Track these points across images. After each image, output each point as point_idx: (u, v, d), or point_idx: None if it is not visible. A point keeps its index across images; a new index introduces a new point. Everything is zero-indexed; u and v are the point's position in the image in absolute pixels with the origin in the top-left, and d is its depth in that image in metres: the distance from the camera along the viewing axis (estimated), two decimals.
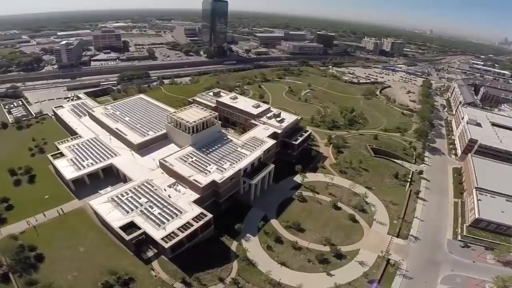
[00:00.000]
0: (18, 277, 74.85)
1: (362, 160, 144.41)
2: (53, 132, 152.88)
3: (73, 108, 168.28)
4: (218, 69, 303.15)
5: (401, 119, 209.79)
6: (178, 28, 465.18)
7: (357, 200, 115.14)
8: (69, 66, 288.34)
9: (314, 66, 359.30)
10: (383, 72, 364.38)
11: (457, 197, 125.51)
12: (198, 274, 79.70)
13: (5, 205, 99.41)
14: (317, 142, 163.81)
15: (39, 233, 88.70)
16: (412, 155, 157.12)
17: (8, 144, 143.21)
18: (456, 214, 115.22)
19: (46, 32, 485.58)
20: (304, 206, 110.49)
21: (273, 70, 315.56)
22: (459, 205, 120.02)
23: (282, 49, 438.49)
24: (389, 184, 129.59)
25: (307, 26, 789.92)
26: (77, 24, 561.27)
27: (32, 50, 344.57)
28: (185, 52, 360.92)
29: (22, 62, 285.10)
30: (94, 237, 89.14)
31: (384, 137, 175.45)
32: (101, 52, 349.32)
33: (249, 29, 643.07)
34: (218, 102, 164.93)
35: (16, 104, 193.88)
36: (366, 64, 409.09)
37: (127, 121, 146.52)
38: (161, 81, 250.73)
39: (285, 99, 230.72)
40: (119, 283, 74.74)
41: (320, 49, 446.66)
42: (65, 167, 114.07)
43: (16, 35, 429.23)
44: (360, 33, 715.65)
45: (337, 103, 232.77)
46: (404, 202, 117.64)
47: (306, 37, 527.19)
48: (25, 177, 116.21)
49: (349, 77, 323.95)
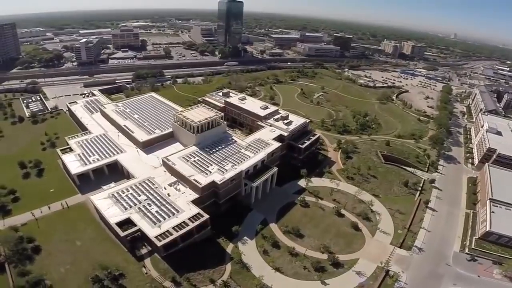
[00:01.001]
0: (13, 267, 76.60)
1: (371, 166, 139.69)
2: (66, 127, 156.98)
3: (86, 104, 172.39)
4: (231, 69, 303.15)
5: (417, 125, 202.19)
6: (195, 28, 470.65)
7: (362, 208, 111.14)
8: (87, 64, 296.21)
9: (329, 69, 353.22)
10: (401, 76, 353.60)
11: (469, 208, 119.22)
12: (189, 274, 78.85)
13: (11, 197, 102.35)
14: (326, 146, 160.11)
15: (40, 225, 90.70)
16: (425, 163, 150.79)
17: (22, 137, 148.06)
18: (466, 226, 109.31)
19: (69, 30, 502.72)
20: (305, 212, 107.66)
21: (286, 72, 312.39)
22: (471, 216, 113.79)
23: (297, 50, 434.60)
24: (397, 192, 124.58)
25: (325, 28, 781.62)
26: (99, 23, 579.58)
27: (54, 47, 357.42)
28: (200, 52, 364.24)
29: (43, 59, 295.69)
30: (92, 232, 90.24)
31: (397, 143, 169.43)
32: (119, 50, 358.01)
33: (265, 30, 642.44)
34: (226, 102, 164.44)
35: (34, 99, 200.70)
36: (383, 67, 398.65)
37: (135, 118, 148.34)
38: (174, 80, 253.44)
39: (296, 102, 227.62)
40: (109, 278, 75.25)
41: (337, 51, 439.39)
42: (71, 161, 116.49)
43: (41, 32, 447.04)
44: (380, 36, 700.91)
45: (350, 107, 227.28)
46: (412, 212, 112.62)
47: (323, 39, 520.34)
48: (34, 170, 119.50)
49: (365, 81, 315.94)
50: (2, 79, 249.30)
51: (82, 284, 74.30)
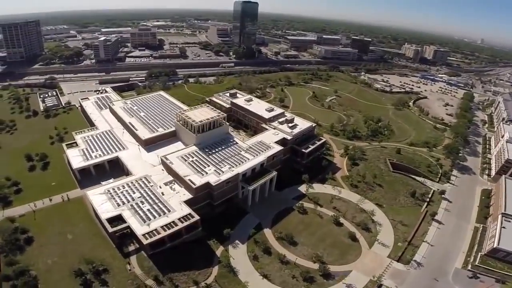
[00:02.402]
0: (4, 257, 78.36)
1: (378, 174, 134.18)
2: (76, 123, 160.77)
3: (97, 101, 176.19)
4: (243, 70, 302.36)
5: (432, 133, 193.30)
6: (212, 29, 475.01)
7: (362, 217, 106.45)
8: (105, 61, 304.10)
9: (345, 72, 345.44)
10: (421, 82, 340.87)
11: (479, 222, 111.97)
12: (173, 274, 77.92)
13: (14, 189, 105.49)
14: (332, 152, 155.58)
15: (36, 217, 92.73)
16: (437, 172, 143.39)
17: (33, 131, 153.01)
18: (473, 241, 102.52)
19: (92, 28, 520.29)
20: (303, 218, 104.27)
21: (299, 74, 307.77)
22: (479, 231, 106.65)
23: (313, 53, 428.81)
24: (403, 202, 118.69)
25: (344, 31, 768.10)
26: (120, 22, 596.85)
27: (76, 44, 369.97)
28: (215, 52, 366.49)
29: (64, 56, 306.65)
30: (84, 226, 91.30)
31: (408, 151, 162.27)
32: (136, 49, 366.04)
33: (282, 31, 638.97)
34: (233, 103, 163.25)
35: (50, 94, 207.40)
36: (402, 72, 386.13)
37: (141, 116, 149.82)
38: (186, 80, 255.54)
39: (307, 105, 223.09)
40: (92, 272, 75.81)
41: (354, 54, 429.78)
42: (74, 156, 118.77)
43: (65, 30, 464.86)
44: (401, 39, 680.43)
45: (363, 112, 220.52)
46: (416, 224, 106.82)
47: (340, 42, 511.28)
48: (40, 163, 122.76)
49: (382, 85, 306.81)
50: (24, 74, 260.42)
51: (66, 277, 75.10)
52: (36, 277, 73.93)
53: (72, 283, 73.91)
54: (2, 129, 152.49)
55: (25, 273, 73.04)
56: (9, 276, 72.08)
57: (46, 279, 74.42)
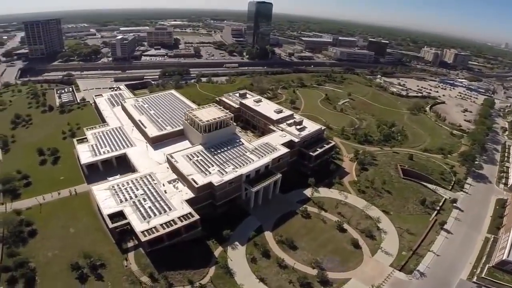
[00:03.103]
0: (6, 248, 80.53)
1: (387, 180, 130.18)
2: (89, 119, 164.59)
3: (110, 98, 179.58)
4: (255, 70, 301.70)
5: (448, 140, 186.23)
6: (226, 29, 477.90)
7: (367, 224, 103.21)
8: (121, 59, 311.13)
9: (360, 74, 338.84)
10: (439, 86, 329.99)
11: (491, 233, 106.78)
12: (169, 272, 77.84)
13: (24, 182, 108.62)
14: (342, 156, 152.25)
15: (42, 210, 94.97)
16: (450, 180, 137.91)
17: (47, 126, 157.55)
18: (482, 252, 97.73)
19: (111, 27, 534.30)
20: (305, 223, 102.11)
21: (313, 76, 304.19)
22: (490, 242, 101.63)
23: (328, 54, 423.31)
24: (411, 210, 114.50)
25: (362, 33, 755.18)
26: (139, 21, 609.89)
27: (94, 42, 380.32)
28: (229, 52, 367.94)
29: (82, 53, 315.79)
30: (87, 221, 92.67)
31: (421, 157, 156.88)
32: (152, 48, 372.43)
33: (297, 33, 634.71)
34: (241, 103, 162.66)
35: (66, 90, 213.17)
36: (420, 75, 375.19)
37: (151, 114, 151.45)
38: (198, 79, 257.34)
39: (318, 107, 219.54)
40: (89, 266, 76.90)
41: (371, 56, 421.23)
42: (83, 152, 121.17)
43: (85, 28, 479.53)
44: (421, 42, 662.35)
45: (377, 116, 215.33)
46: (423, 233, 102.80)
47: (357, 44, 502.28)
48: (51, 158, 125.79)
49: (398, 89, 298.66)
50: (44, 70, 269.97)
51: (64, 270, 76.30)
52: (35, 269, 75.50)
53: (69, 276, 75.03)
54: (19, 123, 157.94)
55: (24, 265, 74.70)
56: (8, 267, 73.94)
57: (44, 272, 75.89)
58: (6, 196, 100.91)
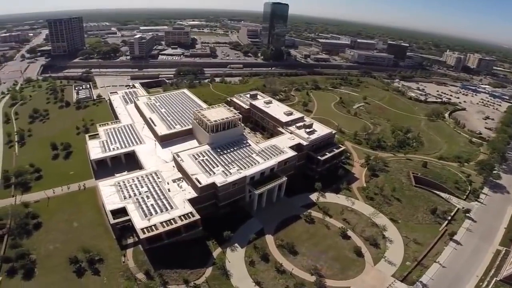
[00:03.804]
0: (11, 239, 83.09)
1: (397, 188, 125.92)
2: (103, 115, 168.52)
3: (124, 95, 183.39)
4: (268, 71, 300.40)
5: (466, 148, 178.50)
6: (243, 29, 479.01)
7: (372, 232, 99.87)
8: (139, 58, 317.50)
9: (378, 78, 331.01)
10: (461, 92, 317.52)
11: (503, 245, 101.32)
12: (165, 270, 78.01)
13: (36, 175, 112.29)
14: (352, 161, 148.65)
15: (49, 204, 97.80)
16: (464, 189, 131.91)
17: (63, 121, 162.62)
18: (491, 265, 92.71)
19: (132, 26, 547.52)
20: (308, 228, 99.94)
21: (328, 78, 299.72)
22: (501, 254, 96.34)
23: (345, 57, 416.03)
24: (421, 219, 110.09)
25: (382, 35, 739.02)
26: (158, 20, 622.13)
27: (114, 41, 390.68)
28: (244, 52, 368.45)
29: (102, 51, 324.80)
30: (91, 216, 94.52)
31: (436, 165, 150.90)
32: (169, 47, 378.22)
33: (315, 34, 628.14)
34: (251, 104, 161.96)
35: (84, 87, 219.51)
36: (441, 80, 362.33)
37: (162, 112, 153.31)
38: (212, 79, 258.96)
39: (331, 110, 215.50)
40: (87, 260, 78.28)
41: (390, 60, 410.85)
42: (94, 147, 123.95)
43: (107, 27, 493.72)
44: (443, 46, 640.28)
45: (392, 121, 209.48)
46: (431, 243, 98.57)
47: (375, 46, 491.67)
48: (63, 152, 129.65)
49: (416, 94, 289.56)
50: (64, 67, 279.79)
51: (63, 263, 77.99)
52: (35, 261, 77.62)
53: (67, 269, 76.64)
54: (36, 117, 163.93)
55: (25, 257, 76.77)
56: (10, 258, 76.28)
57: (44, 264, 77.91)
58: (17, 188, 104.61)
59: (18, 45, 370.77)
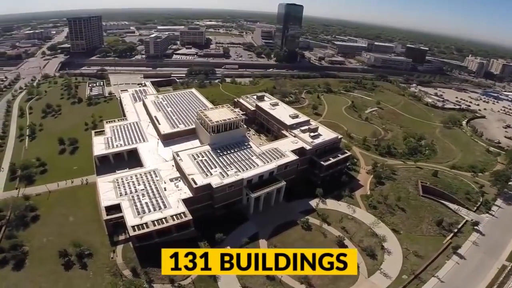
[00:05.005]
0: (8, 231, 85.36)
1: (403, 197, 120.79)
2: (112, 112, 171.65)
3: (133, 93, 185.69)
4: (280, 73, 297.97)
5: (482, 157, 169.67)
6: (257, 30, 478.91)
7: (371, 242, 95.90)
8: (154, 57, 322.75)
9: (393, 82, 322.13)
10: (481, 99, 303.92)
11: (510, 260, 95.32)
12: (152, 268, 77.77)
13: (41, 169, 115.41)
14: (358, 167, 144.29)
15: (49, 198, 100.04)
16: (475, 201, 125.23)
17: (74, 117, 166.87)
18: (494, 281, 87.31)
19: (150, 25, 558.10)
20: (304, 235, 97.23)
21: (341, 82, 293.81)
22: (507, 270, 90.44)
23: (361, 60, 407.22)
24: (424, 231, 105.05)
25: (402, 39, 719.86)
26: (176, 20, 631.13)
27: (131, 40, 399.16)
28: (257, 53, 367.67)
29: (118, 50, 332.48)
30: (87, 211, 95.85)
31: (447, 174, 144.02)
32: (184, 46, 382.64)
33: (332, 36, 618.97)
34: (257, 106, 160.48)
35: (97, 84, 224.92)
36: (461, 86, 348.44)
37: (168, 111, 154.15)
38: (222, 79, 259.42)
39: (342, 114, 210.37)
40: (76, 254, 79.38)
41: (408, 64, 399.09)
42: (98, 144, 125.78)
43: (126, 26, 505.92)
44: (466, 51, 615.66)
45: (406, 127, 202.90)
46: (432, 256, 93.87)
47: (394, 50, 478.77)
48: (70, 148, 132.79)
49: (433, 100, 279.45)
50: (82, 64, 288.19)
51: (53, 256, 79.31)
52: (27, 253, 79.41)
53: (56, 262, 77.92)
54: (49, 112, 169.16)
55: (17, 248, 78.57)
56: (3, 248, 78.23)
57: (35, 256, 79.58)
58: (22, 181, 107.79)
59: (41, 42, 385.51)
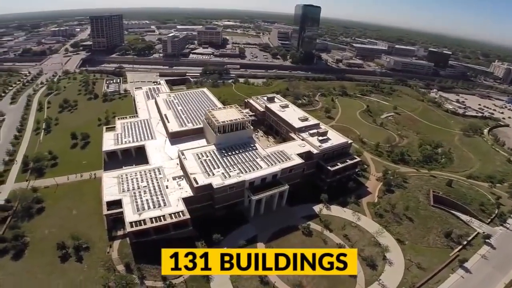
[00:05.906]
0: (13, 221, 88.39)
1: (412, 206, 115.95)
2: (125, 109, 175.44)
3: (147, 91, 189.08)
4: (295, 74, 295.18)
5: (502, 167, 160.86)
6: (274, 31, 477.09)
7: (373, 252, 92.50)
8: (171, 56, 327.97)
9: (413, 87, 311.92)
10: (506, 107, 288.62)
11: None
12: (145, 265, 78.24)
13: (52, 162, 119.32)
14: (368, 174, 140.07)
15: (57, 191, 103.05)
16: (490, 213, 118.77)
17: (89, 112, 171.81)
18: None
19: (170, 24, 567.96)
20: (304, 240, 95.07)
21: (358, 85, 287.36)
22: None
23: (380, 63, 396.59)
24: (431, 242, 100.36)
25: (425, 42, 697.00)
26: (195, 20, 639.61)
27: (151, 39, 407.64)
28: (272, 54, 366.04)
29: (137, 48, 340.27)
30: (90, 205, 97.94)
31: (462, 184, 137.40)
32: (201, 46, 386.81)
33: (351, 39, 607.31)
34: (267, 107, 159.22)
35: (114, 81, 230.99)
36: (485, 93, 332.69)
37: (178, 110, 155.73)
38: (236, 79, 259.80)
39: (355, 119, 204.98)
40: (73, 247, 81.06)
41: (429, 68, 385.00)
42: (108, 139, 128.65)
43: (146, 25, 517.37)
44: (493, 56, 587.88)
45: (422, 134, 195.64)
46: (436, 268, 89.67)
47: (415, 53, 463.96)
48: (81, 142, 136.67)
49: (454, 106, 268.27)
50: (101, 62, 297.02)
51: (52, 248, 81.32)
52: (28, 244, 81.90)
53: (54, 254, 79.97)
54: (66, 107, 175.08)
55: (18, 238, 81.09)
56: (5, 238, 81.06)
57: (34, 247, 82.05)
58: (32, 173, 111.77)
59: (65, 39, 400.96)
